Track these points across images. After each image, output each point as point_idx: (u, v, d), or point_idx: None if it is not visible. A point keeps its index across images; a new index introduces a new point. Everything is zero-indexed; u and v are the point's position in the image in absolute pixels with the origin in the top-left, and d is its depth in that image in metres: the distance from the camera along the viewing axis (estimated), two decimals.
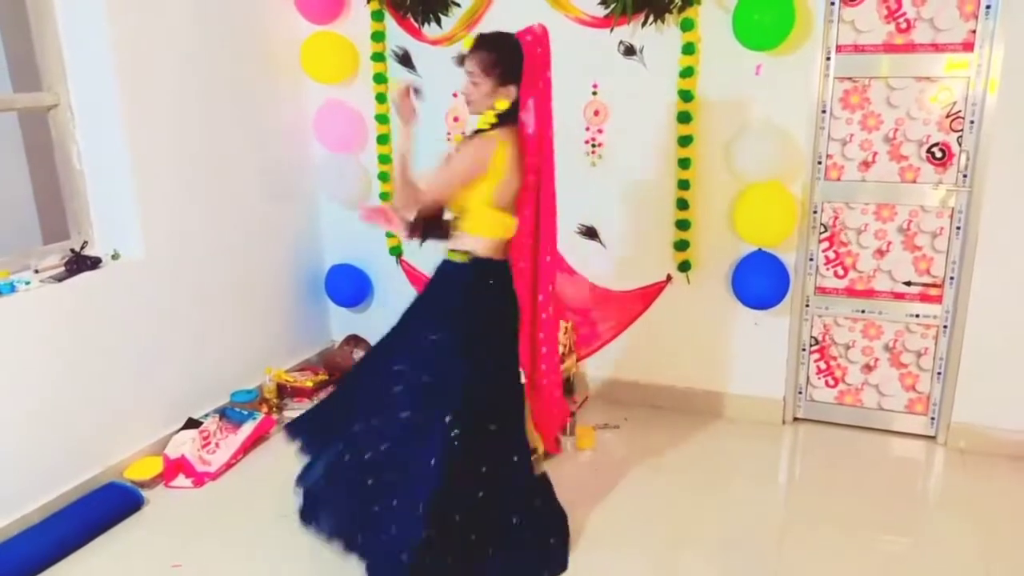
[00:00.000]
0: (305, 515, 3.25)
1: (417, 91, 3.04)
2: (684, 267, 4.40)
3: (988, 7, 3.75)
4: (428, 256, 4.90)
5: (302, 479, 3.31)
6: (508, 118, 3.04)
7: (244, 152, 4.58)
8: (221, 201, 4.44)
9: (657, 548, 3.41)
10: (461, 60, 3.06)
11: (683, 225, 4.32)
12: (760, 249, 4.20)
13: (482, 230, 3.09)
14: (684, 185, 4.27)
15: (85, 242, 3.95)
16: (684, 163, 4.24)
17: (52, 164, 3.98)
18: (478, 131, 3.07)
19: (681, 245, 4.36)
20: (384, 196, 4.90)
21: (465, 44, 3.00)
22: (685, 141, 4.22)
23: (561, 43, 3.31)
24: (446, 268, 3.20)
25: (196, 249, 4.30)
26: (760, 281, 4.18)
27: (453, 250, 3.15)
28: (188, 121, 4.19)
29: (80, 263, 3.77)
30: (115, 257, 3.95)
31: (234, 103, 4.48)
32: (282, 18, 4.73)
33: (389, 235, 5.01)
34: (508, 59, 2.98)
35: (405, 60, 4.71)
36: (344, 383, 3.59)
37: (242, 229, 4.61)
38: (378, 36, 4.70)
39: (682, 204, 4.31)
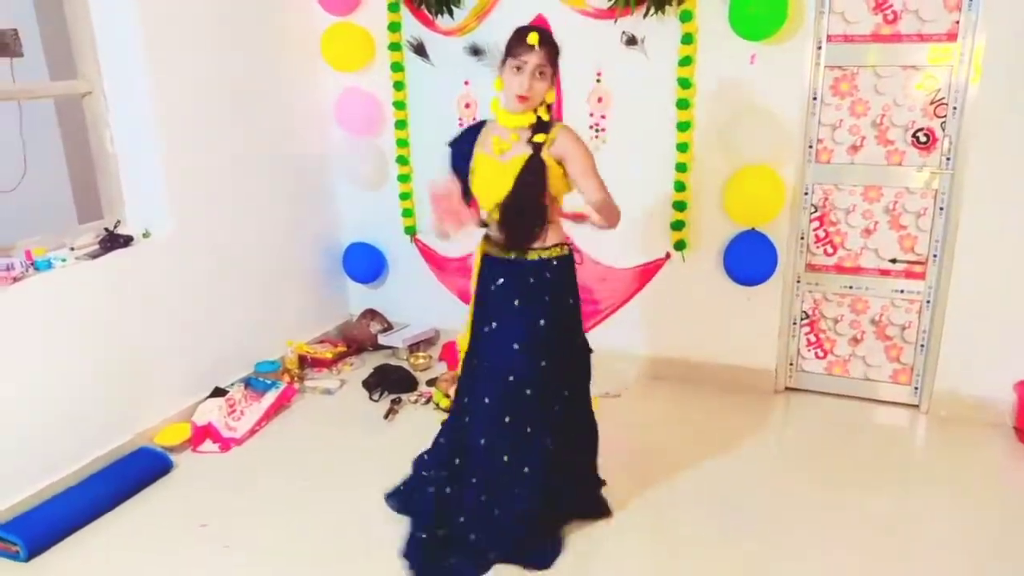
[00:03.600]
0: None
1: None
2: (680, 246, 4.35)
3: None
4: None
5: None
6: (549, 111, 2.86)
7: (267, 137, 4.54)
8: (246, 184, 4.41)
9: (657, 507, 3.40)
10: (475, 51, 2.91)
11: (680, 206, 4.28)
12: (753, 229, 4.16)
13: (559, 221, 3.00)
14: (682, 168, 4.23)
15: (118, 221, 3.94)
16: (682, 147, 4.20)
17: (86, 148, 3.97)
18: (540, 125, 2.83)
19: (678, 225, 4.32)
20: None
21: (531, 39, 2.68)
22: (683, 126, 4.17)
23: (567, 33, 3.27)
24: (542, 265, 2.94)
25: (222, 228, 4.28)
26: (749, 259, 4.15)
27: (542, 248, 2.93)
28: (214, 107, 4.16)
29: (113, 241, 3.76)
30: (146, 236, 3.93)
31: (257, 90, 4.45)
32: (303, 10, 4.69)
33: (406, 213, 4.98)
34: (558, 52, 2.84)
35: (420, 50, 4.66)
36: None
37: (265, 210, 4.58)
38: (394, 27, 4.65)
39: (679, 186, 4.26)
